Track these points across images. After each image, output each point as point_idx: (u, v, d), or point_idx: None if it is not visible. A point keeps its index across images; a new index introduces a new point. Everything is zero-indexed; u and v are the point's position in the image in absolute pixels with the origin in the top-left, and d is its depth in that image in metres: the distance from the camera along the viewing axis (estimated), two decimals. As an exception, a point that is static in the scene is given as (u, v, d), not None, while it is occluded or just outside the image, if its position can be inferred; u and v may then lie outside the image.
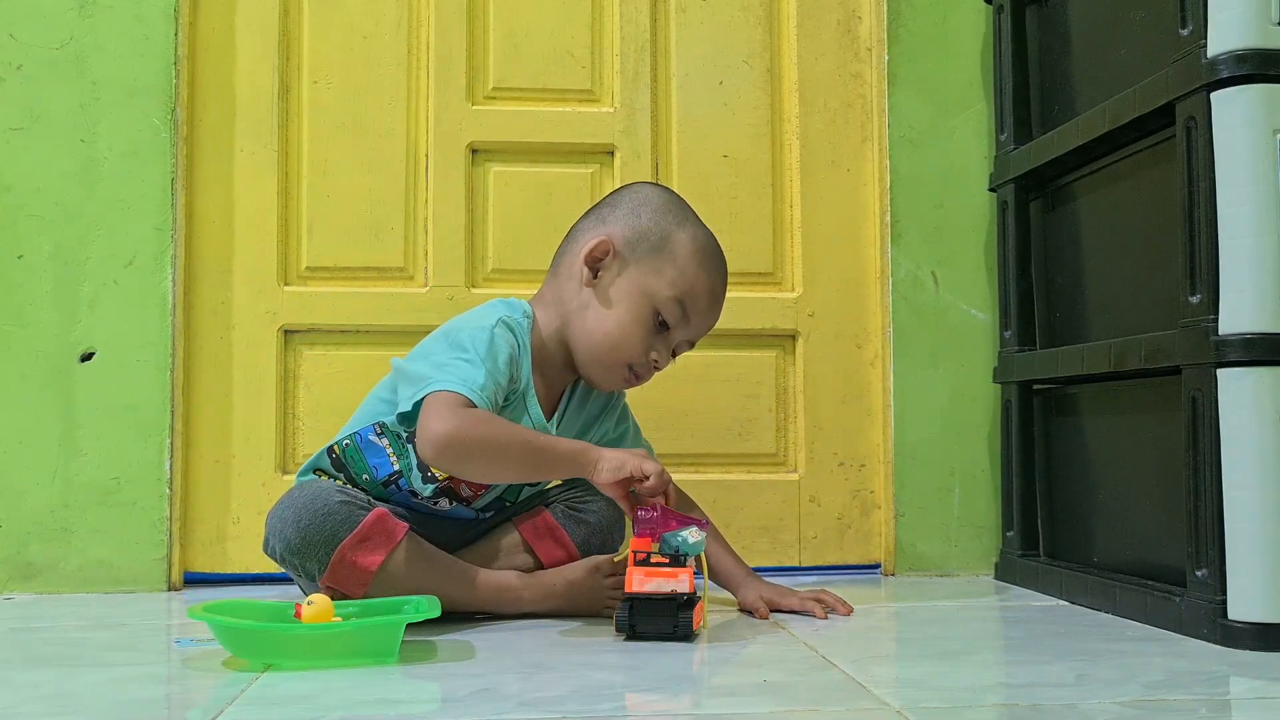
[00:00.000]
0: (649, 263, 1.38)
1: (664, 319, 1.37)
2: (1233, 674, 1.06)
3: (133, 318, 1.63)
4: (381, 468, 1.38)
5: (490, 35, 1.78)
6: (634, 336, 1.37)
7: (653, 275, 1.37)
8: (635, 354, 1.37)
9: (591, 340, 1.38)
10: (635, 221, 1.40)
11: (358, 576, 1.26)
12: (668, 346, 1.39)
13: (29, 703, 0.97)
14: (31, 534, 1.60)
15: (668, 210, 1.41)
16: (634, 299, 1.37)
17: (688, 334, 1.40)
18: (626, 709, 0.94)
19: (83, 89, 1.65)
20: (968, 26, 1.78)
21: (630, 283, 1.37)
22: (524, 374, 1.36)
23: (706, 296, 1.39)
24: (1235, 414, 1.18)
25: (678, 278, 1.37)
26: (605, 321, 1.37)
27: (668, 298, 1.36)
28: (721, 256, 1.42)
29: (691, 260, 1.38)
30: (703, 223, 1.44)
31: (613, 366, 1.39)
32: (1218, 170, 1.21)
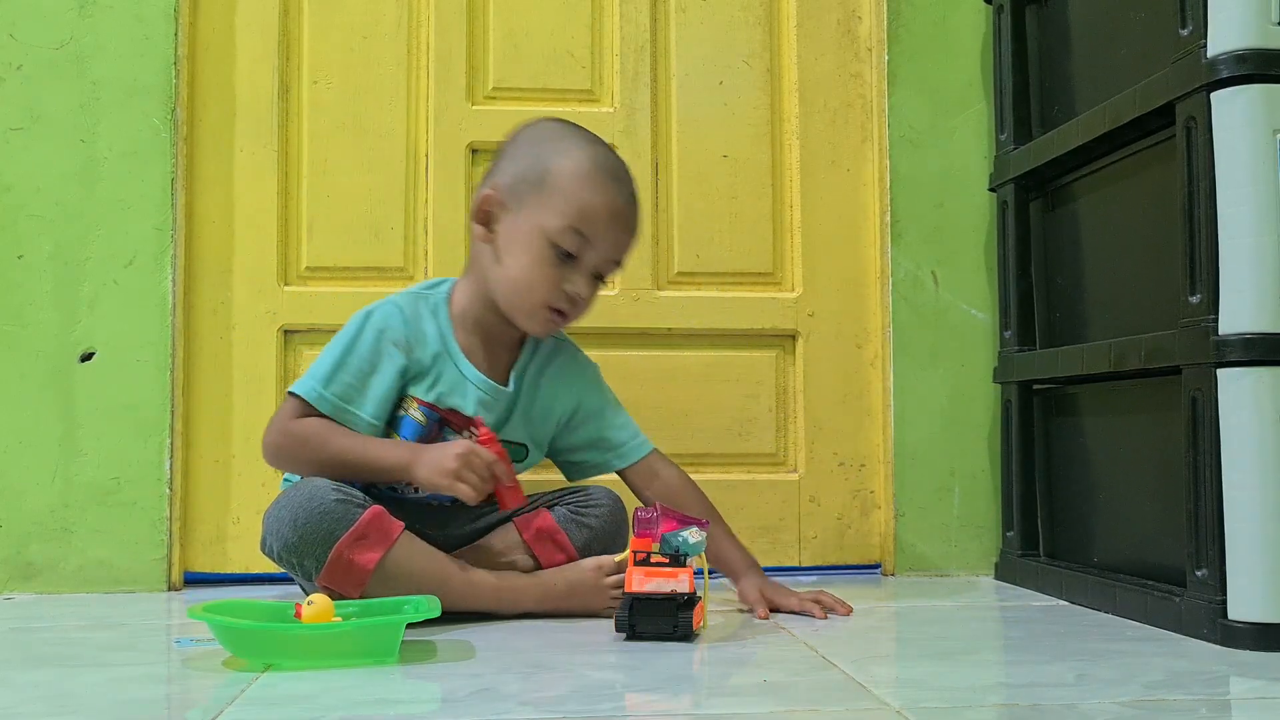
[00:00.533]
0: (534, 201, 1.37)
1: (565, 250, 1.36)
2: (1233, 674, 1.06)
3: (133, 318, 1.63)
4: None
5: (490, 35, 1.78)
6: (539, 276, 1.37)
7: (540, 211, 1.36)
8: (547, 292, 1.37)
9: (504, 290, 1.39)
10: (514, 166, 1.40)
11: (355, 575, 1.26)
12: (584, 275, 1.38)
13: (29, 703, 0.97)
14: (31, 534, 1.60)
15: (545, 143, 1.40)
16: (529, 240, 1.37)
17: (599, 257, 1.38)
18: (626, 709, 0.94)
19: (83, 89, 1.65)
20: (968, 26, 1.78)
21: (522, 225, 1.37)
22: (430, 343, 1.39)
23: (605, 214, 1.37)
24: (1235, 414, 1.18)
25: (565, 206, 1.35)
26: (510, 269, 1.38)
27: (559, 228, 1.35)
28: (616, 171, 1.40)
29: (575, 184, 1.36)
30: (596, 143, 1.41)
31: (532, 310, 1.39)
32: (1218, 170, 1.21)
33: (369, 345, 1.37)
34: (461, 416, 1.40)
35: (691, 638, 1.21)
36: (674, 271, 1.78)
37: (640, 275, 1.76)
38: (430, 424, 1.39)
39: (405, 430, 1.38)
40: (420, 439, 1.38)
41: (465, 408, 1.40)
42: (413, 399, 1.39)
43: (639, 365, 1.76)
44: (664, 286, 1.78)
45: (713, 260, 1.79)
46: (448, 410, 1.40)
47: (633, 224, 1.41)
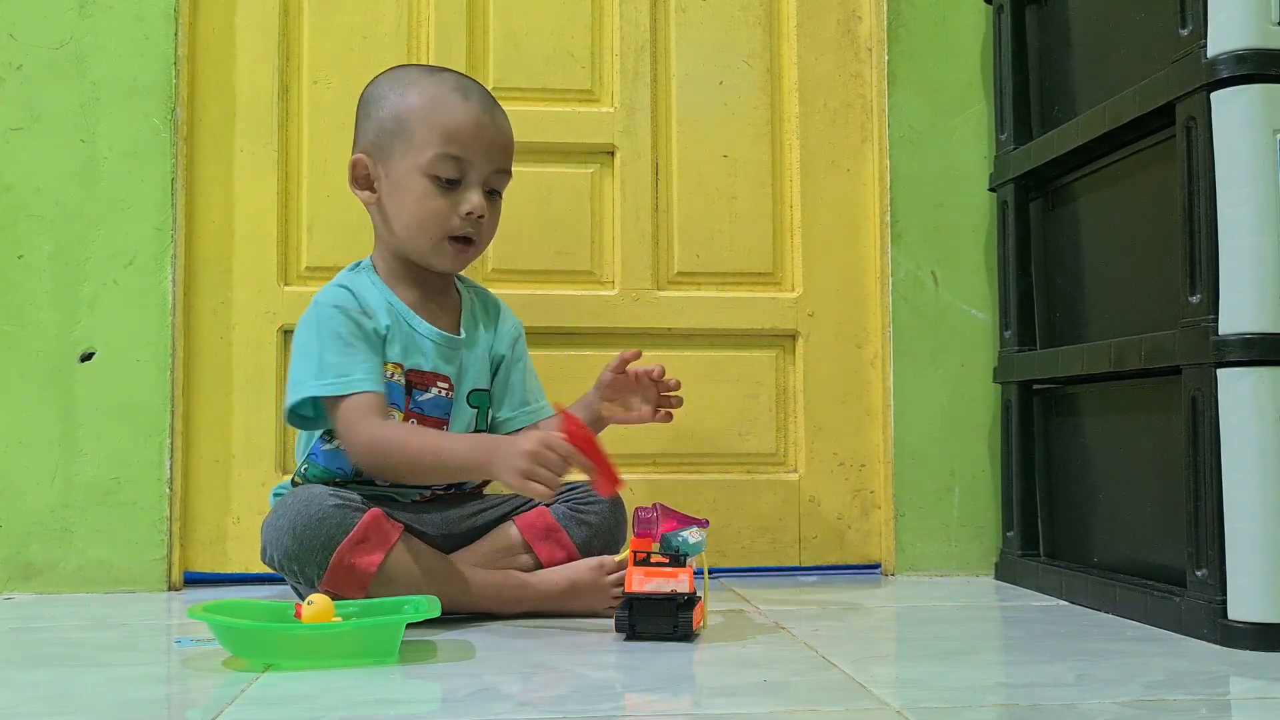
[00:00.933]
0: (400, 147, 1.38)
1: (445, 178, 1.37)
2: (1233, 674, 1.06)
3: (133, 318, 1.63)
4: (344, 464, 1.40)
5: (490, 35, 1.78)
6: (428, 209, 1.38)
7: (409, 154, 1.38)
8: (442, 223, 1.38)
9: (403, 237, 1.41)
10: (371, 123, 1.42)
11: (356, 578, 1.26)
12: (473, 193, 1.39)
13: (29, 703, 0.97)
14: (31, 534, 1.60)
15: (392, 89, 1.41)
16: (408, 183, 1.38)
17: (481, 172, 1.39)
18: (626, 709, 0.94)
19: (83, 89, 1.64)
20: (968, 26, 1.78)
21: (397, 174, 1.39)
22: (379, 311, 1.40)
23: (469, 129, 1.38)
24: (1235, 414, 1.18)
25: (428, 137, 1.37)
26: (401, 216, 1.40)
27: (430, 158, 1.37)
28: (464, 88, 1.41)
29: (429, 113, 1.38)
30: (437, 71, 1.44)
31: (434, 246, 1.40)
32: (1218, 170, 1.21)
33: (338, 321, 1.37)
34: (421, 374, 1.41)
35: (691, 638, 1.20)
36: (674, 271, 1.78)
37: (640, 275, 1.76)
38: (406, 386, 1.40)
39: (391, 396, 1.39)
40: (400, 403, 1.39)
41: (424, 364, 1.42)
42: (390, 364, 1.40)
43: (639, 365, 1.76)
44: (664, 286, 1.78)
45: (713, 260, 1.79)
46: (411, 371, 1.41)
47: (500, 129, 1.42)
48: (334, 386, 1.34)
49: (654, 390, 1.47)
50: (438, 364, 1.42)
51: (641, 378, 1.46)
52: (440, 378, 1.42)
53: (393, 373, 1.39)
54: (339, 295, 1.40)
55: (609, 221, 1.78)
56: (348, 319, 1.37)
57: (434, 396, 1.42)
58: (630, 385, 1.47)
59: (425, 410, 1.41)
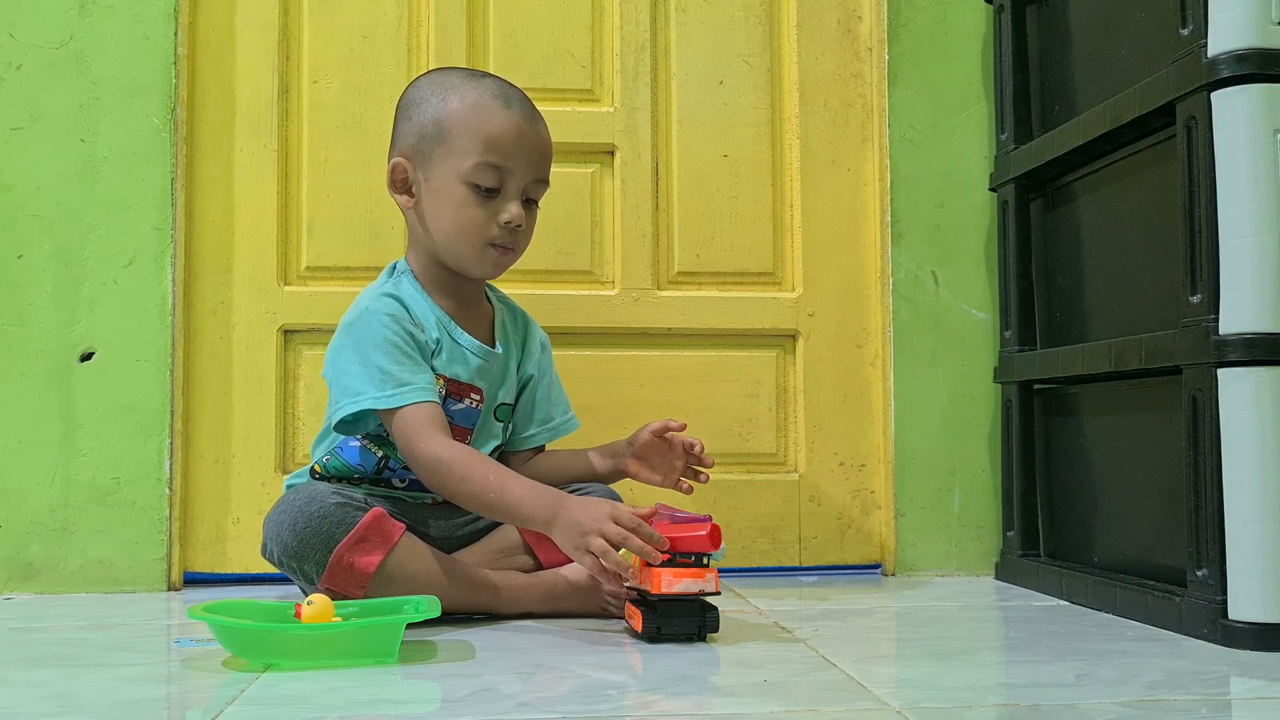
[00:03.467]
0: (440, 153, 1.38)
1: (485, 186, 1.36)
2: (1233, 674, 1.06)
3: (133, 318, 1.63)
4: (368, 461, 1.41)
5: (490, 35, 1.78)
6: (469, 218, 1.37)
7: (450, 160, 1.37)
8: (482, 231, 1.37)
9: (443, 245, 1.40)
10: (412, 126, 1.41)
11: (356, 578, 1.26)
12: (513, 202, 1.38)
13: (29, 703, 0.96)
14: (31, 534, 1.60)
15: (431, 96, 1.40)
16: (448, 189, 1.37)
17: (521, 181, 1.38)
18: (626, 709, 0.94)
19: (83, 89, 1.64)
20: (968, 26, 1.78)
21: (438, 179, 1.38)
22: (428, 322, 1.39)
23: (510, 138, 1.37)
24: (1236, 414, 1.18)
25: (470, 145, 1.36)
26: (441, 223, 1.39)
27: (472, 167, 1.36)
28: (506, 95, 1.40)
29: (471, 121, 1.37)
30: (479, 76, 1.43)
31: (475, 254, 1.39)
32: (1218, 170, 1.21)
33: (393, 331, 1.35)
34: (459, 385, 1.41)
35: (704, 638, 1.20)
36: (674, 271, 1.78)
37: (640, 275, 1.76)
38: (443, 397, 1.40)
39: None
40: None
41: (462, 375, 1.41)
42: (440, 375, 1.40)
43: (639, 365, 1.76)
44: (664, 286, 1.78)
45: (713, 260, 1.79)
46: (450, 381, 1.41)
47: (541, 138, 1.41)
48: (395, 398, 1.32)
49: (684, 460, 1.44)
50: (473, 376, 1.42)
51: (676, 446, 1.43)
52: (475, 389, 1.42)
53: (441, 385, 1.40)
54: (391, 305, 1.38)
55: (609, 221, 1.78)
56: (402, 330, 1.36)
57: (466, 407, 1.42)
58: (664, 450, 1.45)
59: (456, 420, 1.41)
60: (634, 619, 1.23)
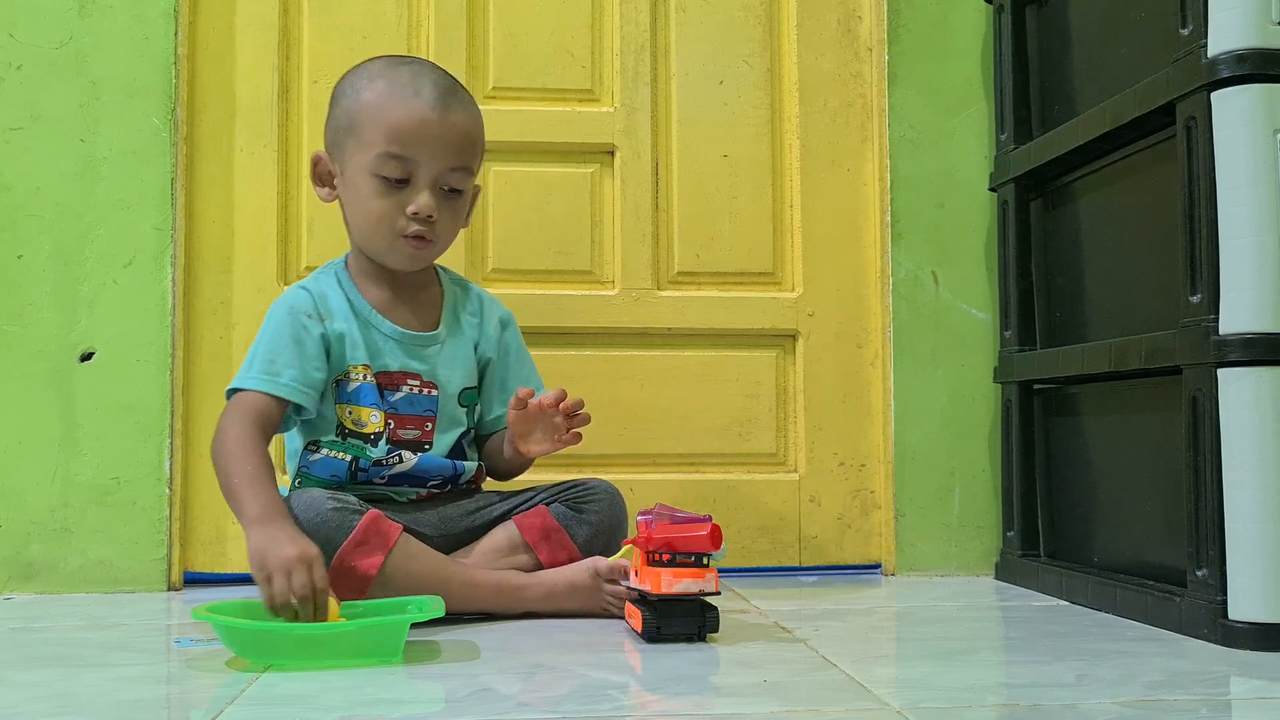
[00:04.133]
0: (351, 145, 1.38)
1: (391, 177, 1.36)
2: (1233, 674, 1.06)
3: (132, 318, 1.63)
4: (339, 469, 1.40)
5: (490, 35, 1.78)
6: (374, 209, 1.37)
7: (359, 153, 1.37)
8: (389, 222, 1.37)
9: (359, 237, 1.42)
10: (331, 120, 1.42)
11: (357, 581, 1.26)
12: (423, 192, 1.37)
13: (30, 703, 0.96)
14: (31, 534, 1.60)
15: (351, 85, 1.40)
16: (358, 182, 1.38)
17: (433, 169, 1.37)
18: (626, 709, 0.94)
19: (83, 89, 1.64)
20: (968, 26, 1.78)
21: (350, 173, 1.39)
22: (337, 312, 1.40)
23: (412, 128, 1.35)
24: (1236, 414, 1.18)
25: (373, 137, 1.36)
26: (355, 215, 1.41)
27: (374, 158, 1.35)
28: (416, 83, 1.37)
29: (376, 111, 1.36)
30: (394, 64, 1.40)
31: (387, 246, 1.39)
32: (1218, 170, 1.21)
33: (283, 322, 1.38)
34: (389, 374, 1.41)
35: (703, 638, 1.20)
36: (674, 271, 1.78)
37: (640, 275, 1.76)
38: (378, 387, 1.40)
39: (366, 398, 1.39)
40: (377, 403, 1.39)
41: (391, 364, 1.41)
42: (358, 366, 1.40)
43: (639, 365, 1.76)
44: (664, 286, 1.78)
45: (713, 260, 1.79)
46: (380, 372, 1.41)
47: (452, 126, 1.38)
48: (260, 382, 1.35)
49: (560, 416, 1.38)
50: (406, 362, 1.42)
51: (546, 409, 1.37)
52: (410, 375, 1.42)
53: (362, 374, 1.40)
54: (296, 297, 1.40)
55: (609, 221, 1.78)
56: (292, 320, 1.38)
57: (407, 395, 1.41)
58: (535, 418, 1.39)
59: (400, 409, 1.41)
60: (634, 619, 1.23)
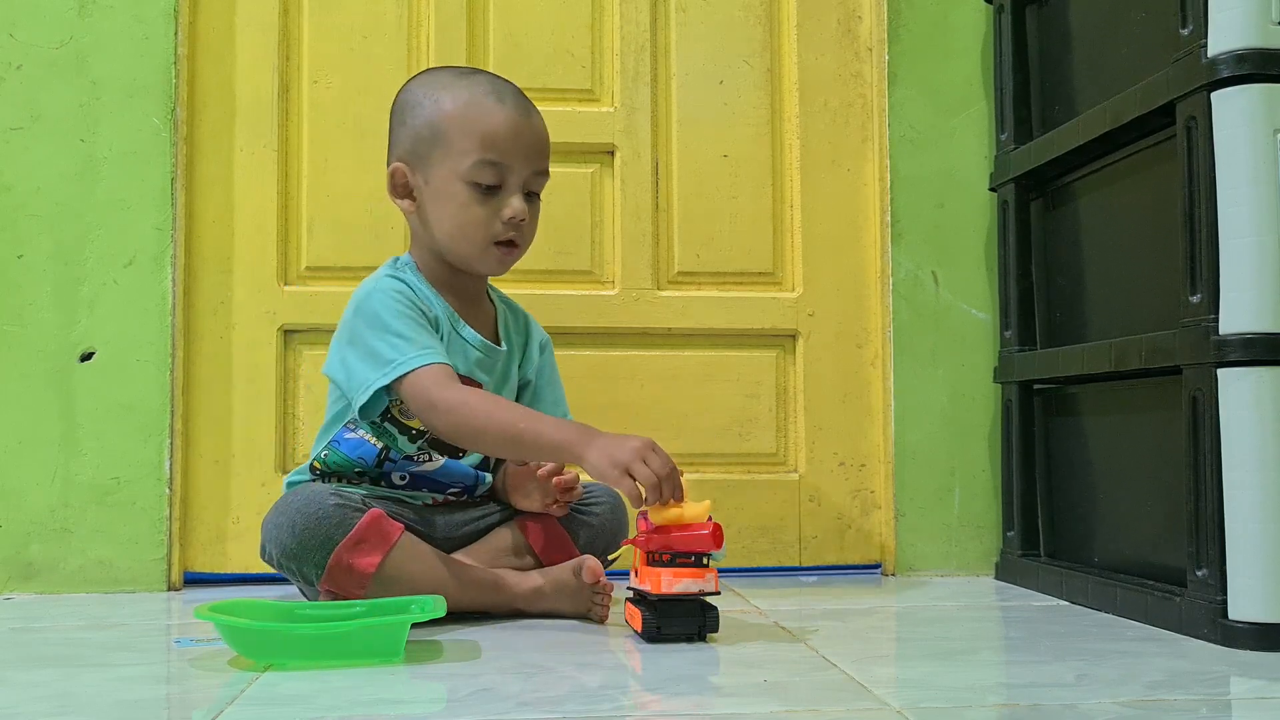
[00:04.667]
0: (438, 155, 1.37)
1: (485, 184, 1.36)
2: (1233, 674, 1.06)
3: (132, 317, 1.63)
4: (368, 453, 1.40)
5: (490, 35, 1.78)
6: (471, 217, 1.37)
7: (448, 162, 1.36)
8: (485, 229, 1.37)
9: (447, 244, 1.40)
10: (407, 131, 1.40)
11: (355, 579, 1.26)
12: (514, 197, 1.37)
13: (30, 703, 0.96)
14: (31, 534, 1.60)
15: (426, 95, 1.40)
16: (448, 191, 1.37)
17: (520, 176, 1.37)
18: (626, 709, 0.94)
19: (83, 89, 1.64)
20: (968, 26, 1.78)
21: (437, 181, 1.38)
22: (434, 308, 1.39)
23: (506, 133, 1.36)
24: (1236, 414, 1.18)
25: (466, 145, 1.36)
26: (443, 223, 1.38)
27: (470, 166, 1.35)
28: (498, 90, 1.39)
29: (465, 119, 1.36)
30: (469, 74, 1.42)
31: (479, 253, 1.39)
32: (1218, 170, 1.21)
33: (403, 304, 1.36)
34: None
35: (704, 638, 1.20)
36: (674, 271, 1.78)
37: (640, 275, 1.76)
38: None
39: None
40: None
41: (460, 367, 1.39)
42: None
43: (639, 365, 1.76)
44: (664, 286, 1.78)
45: (713, 260, 1.79)
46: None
47: (537, 131, 1.40)
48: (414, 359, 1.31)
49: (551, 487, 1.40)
50: (473, 370, 1.42)
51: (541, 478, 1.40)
52: (474, 384, 1.41)
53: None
54: (396, 284, 1.39)
55: (609, 221, 1.78)
56: (411, 303, 1.37)
57: None
58: (531, 478, 1.41)
59: None
60: (634, 619, 1.23)
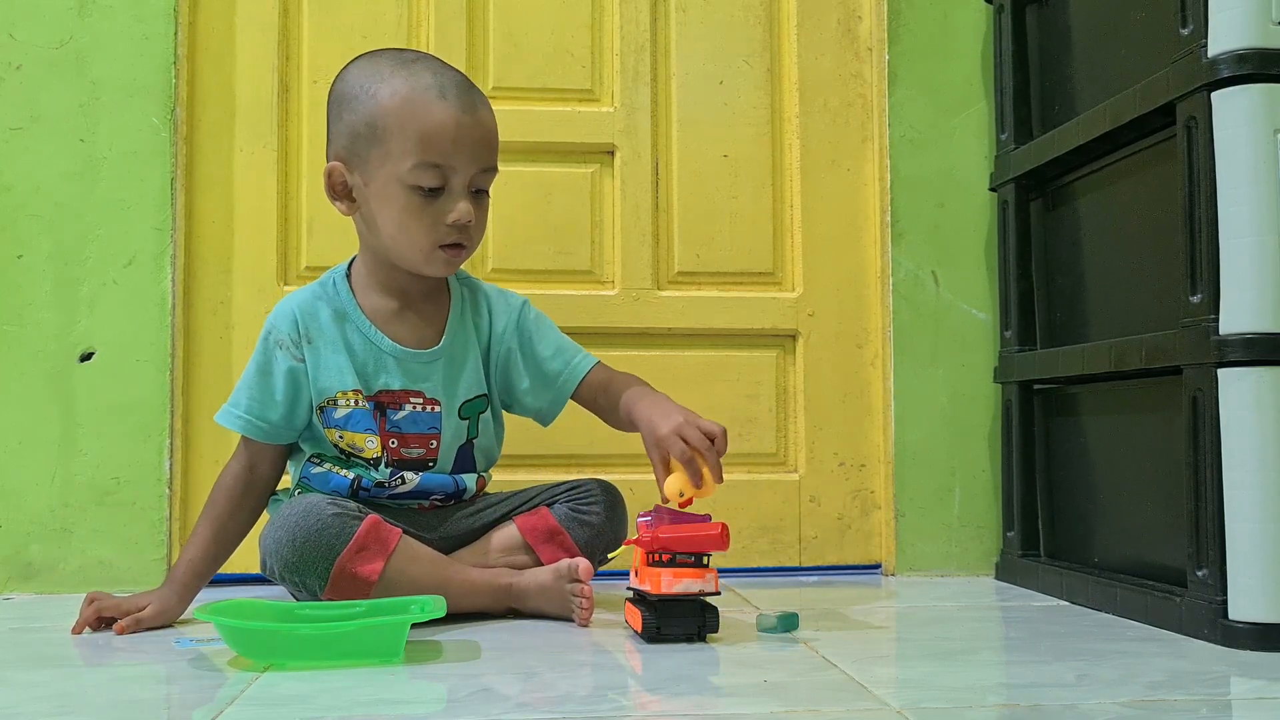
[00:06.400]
0: (376, 156, 1.30)
1: (427, 187, 1.30)
2: (1233, 674, 1.06)
3: (132, 317, 1.63)
4: (340, 484, 1.38)
5: (490, 35, 1.78)
6: (414, 222, 1.31)
7: (387, 164, 1.30)
8: (429, 234, 1.32)
9: (390, 247, 1.35)
10: (343, 126, 1.33)
11: (358, 587, 1.26)
12: (460, 199, 1.31)
13: (30, 703, 0.96)
14: (31, 534, 1.60)
15: (363, 88, 1.32)
16: (388, 193, 1.31)
17: (465, 176, 1.31)
18: (626, 709, 0.94)
19: (83, 89, 1.64)
20: (968, 26, 1.78)
21: (376, 183, 1.32)
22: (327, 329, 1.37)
23: (449, 133, 1.29)
24: (1236, 414, 1.18)
25: (405, 146, 1.29)
26: (386, 226, 1.33)
27: (410, 168, 1.29)
28: (440, 85, 1.31)
29: (405, 118, 1.29)
30: (409, 63, 1.33)
31: (424, 257, 1.33)
32: (1218, 170, 1.21)
33: (261, 352, 1.38)
34: (391, 394, 1.38)
35: (703, 638, 1.20)
36: (674, 271, 1.78)
37: (640, 275, 1.76)
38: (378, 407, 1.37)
39: (359, 423, 1.37)
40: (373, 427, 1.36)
41: (393, 383, 1.38)
42: (346, 393, 1.37)
43: (639, 365, 1.75)
44: (664, 286, 1.78)
45: (713, 260, 1.79)
46: (381, 391, 1.38)
47: (483, 127, 1.33)
48: (223, 415, 1.39)
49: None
50: (407, 381, 1.38)
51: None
52: (413, 394, 1.38)
53: (353, 400, 1.37)
54: (279, 319, 1.38)
55: (609, 221, 1.78)
56: (264, 349, 1.38)
57: (410, 413, 1.38)
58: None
59: (404, 429, 1.38)
60: (634, 619, 1.23)
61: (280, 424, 1.37)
